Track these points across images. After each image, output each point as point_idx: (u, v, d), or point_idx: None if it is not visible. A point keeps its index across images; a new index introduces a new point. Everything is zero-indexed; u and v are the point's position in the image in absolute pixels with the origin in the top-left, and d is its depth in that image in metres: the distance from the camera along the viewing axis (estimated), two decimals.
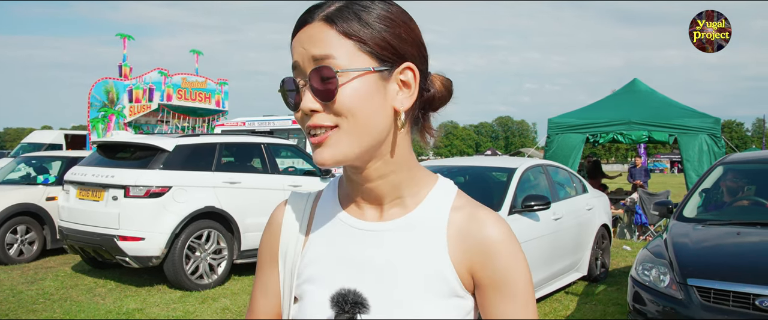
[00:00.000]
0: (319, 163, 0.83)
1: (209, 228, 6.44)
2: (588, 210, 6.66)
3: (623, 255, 8.48)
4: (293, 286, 0.93)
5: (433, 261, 0.86)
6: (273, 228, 0.99)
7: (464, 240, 0.87)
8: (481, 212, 0.90)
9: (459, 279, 0.87)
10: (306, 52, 0.82)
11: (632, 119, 10.23)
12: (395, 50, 0.83)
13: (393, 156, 0.87)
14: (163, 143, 6.50)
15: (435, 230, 0.88)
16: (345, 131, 0.81)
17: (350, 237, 0.91)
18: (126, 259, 6.06)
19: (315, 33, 0.82)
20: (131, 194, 6.03)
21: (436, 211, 0.90)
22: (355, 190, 0.92)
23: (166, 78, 16.78)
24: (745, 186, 5.25)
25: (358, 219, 0.91)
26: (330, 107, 0.80)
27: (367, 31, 0.82)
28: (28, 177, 8.69)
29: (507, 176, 5.69)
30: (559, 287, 6.02)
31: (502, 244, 0.88)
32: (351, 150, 0.82)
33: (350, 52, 0.81)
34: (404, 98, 0.85)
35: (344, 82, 0.80)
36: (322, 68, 0.79)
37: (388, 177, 0.88)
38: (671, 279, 3.84)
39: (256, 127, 12.64)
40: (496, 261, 0.87)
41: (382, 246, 0.88)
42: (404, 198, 0.90)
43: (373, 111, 0.82)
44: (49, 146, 15.90)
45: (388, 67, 0.83)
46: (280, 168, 7.59)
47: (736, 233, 4.32)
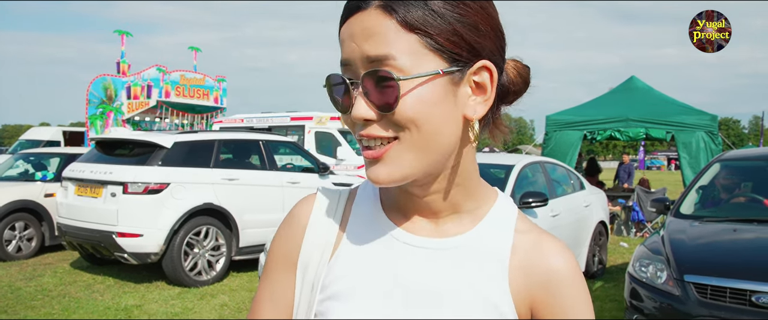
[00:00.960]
0: (374, 181, 0.71)
1: (208, 225, 6.45)
2: (585, 207, 6.68)
3: (620, 252, 8.51)
4: (313, 301, 0.78)
5: (492, 292, 0.75)
6: (295, 229, 0.83)
7: (528, 272, 0.76)
8: (546, 238, 0.79)
9: (516, 311, 0.76)
10: (359, 49, 0.67)
11: (630, 117, 10.25)
12: (470, 46, 0.69)
13: (458, 170, 0.75)
14: (161, 139, 6.50)
15: (497, 256, 0.77)
16: (407, 145, 0.68)
17: (395, 253, 0.77)
18: (124, 256, 6.07)
19: (370, 24, 0.67)
20: (130, 191, 6.03)
21: (498, 233, 0.78)
22: (404, 199, 0.79)
23: (165, 75, 16.76)
24: (741, 183, 5.27)
25: (407, 233, 0.78)
26: (388, 117, 0.68)
27: (436, 21, 0.67)
28: (26, 174, 8.69)
29: (505, 172, 5.71)
30: None
31: (571, 280, 0.77)
32: (413, 168, 0.70)
33: (414, 49, 0.66)
34: (478, 103, 0.71)
35: (407, 90, 0.66)
36: (380, 73, 0.66)
37: (448, 192, 0.76)
38: (668, 275, 3.86)
39: (254, 124, 12.65)
40: (563, 299, 0.76)
41: (434, 267, 0.76)
42: (462, 214, 0.78)
43: (441, 122, 0.68)
44: (47, 142, 15.87)
45: (460, 67, 0.69)
46: (278, 165, 7.60)
47: (732, 230, 4.35)
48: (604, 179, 14.09)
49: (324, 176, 7.82)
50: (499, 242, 0.77)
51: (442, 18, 0.67)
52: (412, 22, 0.66)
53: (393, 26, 0.66)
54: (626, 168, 13.48)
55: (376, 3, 0.67)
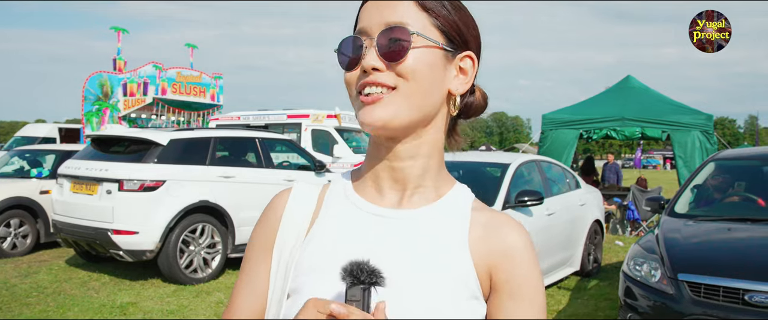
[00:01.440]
0: (367, 122, 0.81)
1: (203, 222, 6.44)
2: (581, 206, 6.70)
3: (615, 251, 8.53)
4: (287, 281, 0.85)
5: (454, 257, 0.83)
6: (271, 218, 0.91)
7: (486, 241, 0.85)
8: (502, 215, 0.89)
9: (479, 281, 0.84)
10: (380, 17, 0.82)
11: (626, 116, 10.28)
12: (462, 36, 0.86)
13: (430, 138, 0.86)
14: (157, 137, 6.49)
15: (457, 226, 0.86)
16: (403, 93, 0.81)
17: (364, 223, 0.85)
18: (120, 253, 6.06)
19: (394, 1, 0.82)
20: (125, 188, 6.02)
21: (459, 207, 0.88)
22: (380, 172, 0.88)
23: (161, 72, 16.73)
24: (735, 182, 5.29)
25: (375, 205, 0.87)
26: (393, 68, 0.80)
27: (443, 10, 0.84)
28: (21, 171, 8.66)
29: (501, 171, 5.72)
30: (551, 282, 6.06)
31: (525, 251, 0.86)
32: (403, 114, 0.81)
33: (424, 24, 0.82)
34: (460, 83, 0.87)
35: (415, 46, 0.80)
36: (397, 29, 0.80)
37: (418, 159, 0.86)
38: (662, 274, 3.87)
39: (251, 121, 12.64)
40: (518, 266, 0.85)
41: (400, 234, 0.84)
42: (427, 188, 0.88)
43: (432, 83, 0.82)
44: (42, 139, 15.81)
45: (453, 49, 0.85)
46: (274, 163, 7.60)
47: (726, 229, 4.36)
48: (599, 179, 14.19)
49: (320, 174, 7.83)
50: (458, 215, 0.87)
51: (448, 11, 0.84)
52: (427, 5, 0.83)
53: (412, 5, 0.82)
54: (612, 168, 13.58)
55: None
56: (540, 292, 0.86)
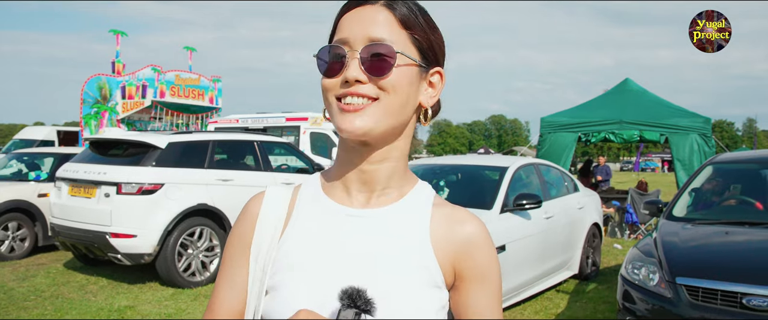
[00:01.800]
0: (348, 129, 0.86)
1: (202, 226, 6.44)
2: (579, 209, 6.70)
3: (614, 254, 8.53)
4: (265, 279, 0.91)
5: (416, 250, 0.90)
6: (247, 219, 0.97)
7: (446, 235, 0.93)
8: (460, 211, 0.96)
9: (441, 271, 0.91)
10: (362, 30, 0.87)
11: (624, 119, 10.29)
12: (434, 54, 0.93)
13: (399, 145, 0.94)
14: (155, 140, 6.49)
15: (418, 222, 0.93)
16: (383, 105, 0.87)
17: (334, 222, 0.92)
18: (118, 256, 6.05)
19: (377, 15, 0.88)
20: (123, 191, 6.02)
21: (420, 205, 0.95)
22: (348, 175, 0.94)
23: (160, 75, 16.74)
24: (733, 186, 5.30)
25: (343, 206, 0.93)
26: (375, 82, 0.86)
27: (421, 29, 0.91)
28: (19, 174, 8.65)
29: (499, 174, 5.72)
30: (550, 285, 6.06)
31: (483, 240, 0.94)
32: (381, 124, 0.87)
33: (404, 41, 0.89)
34: (429, 96, 0.94)
35: (398, 64, 0.87)
36: (382, 45, 0.86)
37: (387, 163, 0.93)
38: (660, 277, 3.87)
39: (249, 124, 12.63)
40: (477, 254, 0.93)
41: (367, 232, 0.91)
42: (392, 189, 0.94)
43: (408, 97, 0.89)
44: (41, 142, 15.79)
45: (427, 65, 0.92)
46: (273, 166, 7.60)
47: (724, 233, 4.37)
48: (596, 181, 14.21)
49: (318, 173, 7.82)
50: (419, 212, 0.94)
51: (424, 30, 0.91)
52: (406, 22, 0.89)
53: (393, 20, 0.88)
54: (603, 170, 13.74)
55: (382, 2, 0.89)
56: (498, 277, 0.95)
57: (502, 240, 4.96)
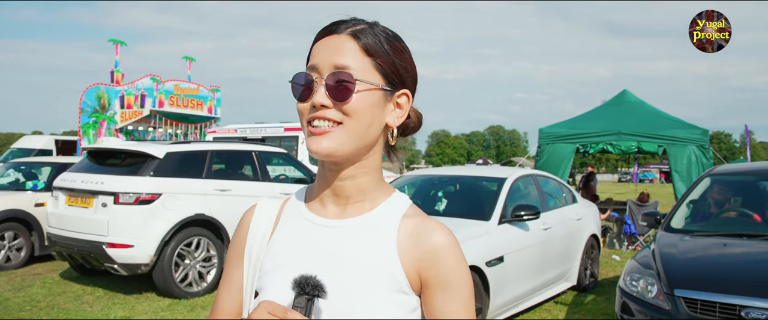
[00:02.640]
0: (315, 150, 0.95)
1: (199, 236, 6.42)
2: (577, 220, 6.69)
3: (612, 265, 8.52)
4: (255, 280, 1.02)
5: (382, 258, 0.97)
6: (242, 228, 1.09)
7: (413, 244, 0.98)
8: (430, 221, 1.01)
9: (406, 277, 0.97)
10: (329, 58, 0.95)
11: (622, 130, 10.31)
12: (399, 77, 0.99)
13: (368, 162, 1.01)
14: (153, 150, 6.48)
15: (386, 232, 0.99)
16: (347, 128, 0.94)
17: (310, 232, 1.01)
18: (114, 266, 6.02)
19: (341, 44, 0.96)
20: (121, 201, 6.00)
21: (389, 216, 1.01)
22: (324, 189, 1.03)
23: (159, 84, 16.76)
24: (731, 198, 5.30)
25: (319, 217, 1.02)
26: (339, 107, 0.93)
27: (384, 55, 0.97)
28: (17, 183, 8.63)
29: (497, 185, 5.72)
30: (548, 297, 6.04)
31: (449, 249, 0.99)
32: (346, 145, 0.95)
33: (367, 67, 0.95)
34: (396, 116, 1.01)
35: (358, 89, 0.94)
36: (344, 73, 0.93)
37: (357, 178, 1.00)
38: (659, 289, 3.86)
39: (247, 134, 12.63)
40: (443, 263, 0.98)
41: (338, 240, 0.99)
42: (365, 202, 1.02)
43: (372, 119, 0.96)
44: (39, 151, 15.78)
45: (391, 88, 0.98)
46: (271, 176, 7.59)
47: (722, 245, 4.36)
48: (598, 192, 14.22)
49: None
50: (389, 223, 1.00)
51: (388, 54, 0.98)
52: (370, 50, 0.96)
53: (357, 49, 0.96)
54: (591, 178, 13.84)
55: (348, 31, 0.97)
56: (466, 284, 0.99)
57: (501, 251, 4.95)
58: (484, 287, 4.70)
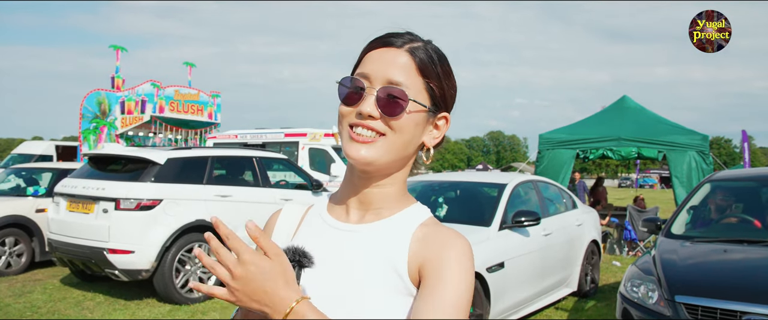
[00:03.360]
0: (353, 157, 0.97)
1: (200, 242, 6.41)
2: (578, 226, 6.70)
3: (613, 271, 8.51)
4: None
5: (393, 260, 0.99)
6: (267, 229, 1.13)
7: (423, 246, 0.99)
8: (449, 230, 1.02)
9: (410, 279, 0.97)
10: (384, 70, 0.97)
11: (622, 136, 10.32)
12: (444, 100, 1.03)
13: (398, 175, 1.04)
14: (154, 155, 6.49)
15: (401, 237, 1.01)
16: (389, 141, 0.97)
17: (329, 235, 1.05)
18: (115, 272, 6.02)
19: (398, 59, 0.98)
20: (122, 207, 6.01)
21: (406, 223, 1.03)
22: (350, 194, 1.06)
23: (159, 90, 16.77)
24: (732, 203, 5.30)
25: (338, 221, 1.06)
26: (386, 120, 0.96)
27: (436, 77, 1.01)
28: (17, 189, 8.63)
29: (497, 191, 5.72)
30: (548, 303, 6.04)
31: (461, 254, 0.97)
32: (384, 158, 0.98)
33: (419, 87, 0.99)
34: (433, 137, 1.05)
35: (410, 109, 0.97)
36: (397, 89, 0.96)
37: (384, 188, 1.04)
38: (659, 295, 3.86)
39: (248, 140, 12.65)
40: (446, 260, 0.96)
41: (352, 242, 1.02)
42: (385, 209, 1.05)
43: (412, 137, 1.00)
44: (39, 157, 15.79)
45: (435, 111, 1.02)
46: (271, 182, 7.59)
47: (723, 251, 4.37)
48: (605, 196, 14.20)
49: (317, 193, 7.82)
50: (404, 228, 1.02)
51: (439, 77, 1.01)
52: (425, 72, 0.99)
53: (412, 67, 0.98)
54: (580, 185, 13.79)
55: (407, 48, 0.99)
56: (459, 288, 0.93)
57: (501, 257, 4.96)
58: (485, 293, 4.70)
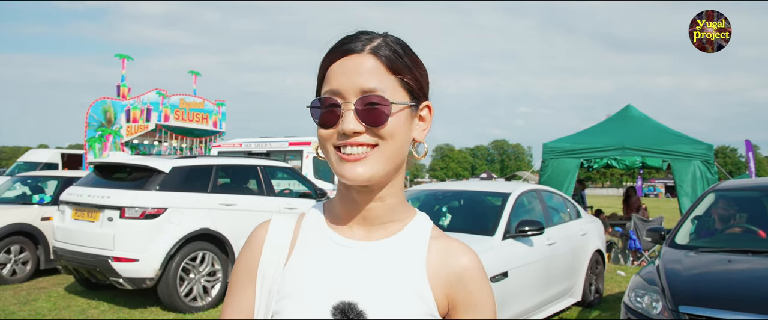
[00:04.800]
0: (351, 178, 0.90)
1: (204, 250, 6.43)
2: (582, 235, 6.68)
3: (617, 281, 8.48)
4: (271, 304, 0.95)
5: (413, 281, 0.94)
6: (253, 248, 1.01)
7: (442, 267, 0.96)
8: (456, 243, 1.00)
9: (436, 301, 0.95)
10: (353, 81, 0.89)
11: (626, 145, 10.31)
12: (421, 90, 0.97)
13: (397, 181, 0.98)
14: (159, 164, 6.52)
15: (416, 254, 0.97)
16: (383, 151, 0.90)
17: (335, 254, 0.96)
18: (120, 280, 6.03)
19: (364, 64, 0.90)
20: (127, 215, 6.03)
21: (416, 238, 0.99)
22: (349, 210, 0.98)
23: (164, 98, 16.86)
24: (736, 213, 5.29)
25: (345, 238, 0.97)
26: (373, 130, 0.89)
27: (407, 70, 0.94)
28: (23, 197, 8.68)
29: (501, 200, 5.72)
30: (553, 313, 6.02)
31: (476, 271, 0.98)
32: (383, 168, 0.91)
33: (393, 86, 0.92)
34: (421, 130, 0.98)
35: (392, 112, 0.90)
36: (374, 96, 0.89)
37: (386, 200, 0.96)
38: (663, 306, 3.85)
39: (252, 148, 12.70)
40: (471, 285, 0.97)
41: (366, 263, 0.94)
42: (391, 223, 0.98)
43: (404, 138, 0.93)
44: (45, 165, 15.86)
45: (416, 103, 0.95)
46: (276, 190, 7.61)
47: (727, 261, 4.35)
48: (603, 206, 14.21)
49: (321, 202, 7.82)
50: (417, 244, 0.98)
51: (410, 69, 0.94)
52: (395, 69, 0.92)
53: (381, 68, 0.91)
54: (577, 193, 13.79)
55: (368, 49, 0.91)
56: (491, 306, 0.98)
57: (504, 266, 4.95)
58: None
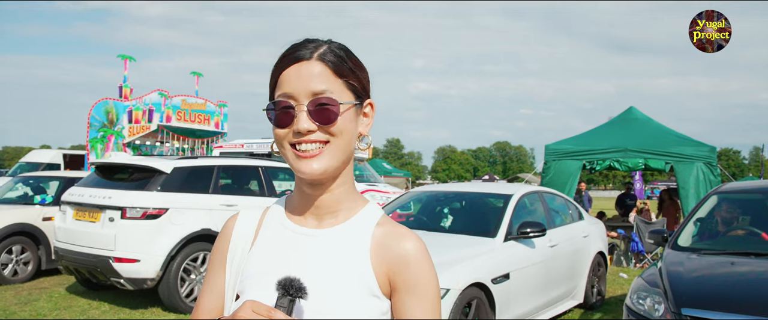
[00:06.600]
0: (308, 172, 1.02)
1: (205, 251, 6.42)
2: (584, 237, 6.66)
3: (620, 283, 8.45)
4: (236, 285, 1.09)
5: (356, 262, 1.05)
6: (225, 236, 1.16)
7: (384, 251, 1.06)
8: (402, 229, 1.10)
9: (377, 282, 1.05)
10: (307, 85, 1.01)
11: (628, 147, 10.29)
12: (364, 89, 1.10)
13: (346, 172, 1.10)
14: (160, 165, 6.52)
15: (360, 240, 1.07)
16: (334, 147, 1.03)
17: (290, 240, 1.09)
18: (121, 281, 6.03)
19: (314, 70, 1.02)
20: (128, 216, 6.03)
21: (363, 225, 1.10)
22: (303, 201, 1.10)
23: (166, 99, 16.87)
24: (739, 216, 5.27)
25: (298, 226, 1.10)
26: (325, 129, 1.01)
27: (351, 73, 1.06)
28: (25, 197, 8.68)
29: (503, 202, 5.71)
30: (554, 315, 6.00)
31: (418, 254, 1.07)
32: (335, 162, 1.03)
33: (340, 88, 1.04)
34: (365, 125, 1.11)
35: (341, 111, 1.02)
36: (324, 98, 1.01)
37: (335, 190, 1.08)
38: (665, 308, 3.83)
39: (254, 149, 12.68)
40: (413, 266, 1.06)
41: (316, 248, 1.07)
42: (341, 212, 1.10)
43: (352, 133, 1.05)
44: (47, 165, 15.88)
45: (360, 101, 1.08)
46: (277, 191, 7.61)
47: (730, 263, 4.33)
48: (606, 209, 14.16)
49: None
50: (363, 231, 1.08)
51: (353, 72, 1.07)
52: (341, 73, 1.05)
53: (328, 73, 1.03)
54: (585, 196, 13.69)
55: (316, 56, 1.04)
56: (433, 288, 1.07)
57: (506, 268, 4.94)
58: (490, 304, 4.68)
